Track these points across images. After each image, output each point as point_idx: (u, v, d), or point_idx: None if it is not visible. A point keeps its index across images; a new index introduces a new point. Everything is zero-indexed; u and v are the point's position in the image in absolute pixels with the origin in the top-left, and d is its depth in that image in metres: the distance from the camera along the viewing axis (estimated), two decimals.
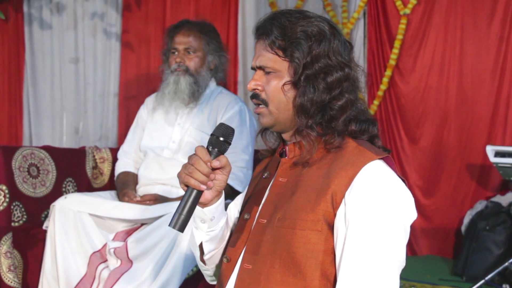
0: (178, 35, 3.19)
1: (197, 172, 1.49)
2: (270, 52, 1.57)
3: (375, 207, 1.44)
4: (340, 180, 1.48)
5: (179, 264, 2.75)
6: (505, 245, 3.64)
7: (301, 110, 1.55)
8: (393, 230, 1.45)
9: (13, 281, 2.87)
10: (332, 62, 1.55)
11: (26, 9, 4.61)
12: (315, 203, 1.49)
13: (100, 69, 4.58)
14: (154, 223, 2.84)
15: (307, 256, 1.48)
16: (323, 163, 1.55)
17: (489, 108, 4.04)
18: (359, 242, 1.43)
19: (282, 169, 1.63)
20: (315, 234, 1.48)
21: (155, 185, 3.12)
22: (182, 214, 1.49)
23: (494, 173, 3.93)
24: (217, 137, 1.54)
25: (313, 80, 1.54)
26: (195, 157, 1.50)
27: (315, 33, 1.55)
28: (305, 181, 1.55)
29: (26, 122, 4.66)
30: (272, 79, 1.58)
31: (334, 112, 1.55)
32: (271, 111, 1.59)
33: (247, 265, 1.57)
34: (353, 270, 1.42)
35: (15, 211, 2.95)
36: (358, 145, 1.54)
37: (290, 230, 1.49)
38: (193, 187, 1.50)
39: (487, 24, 4.03)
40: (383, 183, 1.47)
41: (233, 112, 3.18)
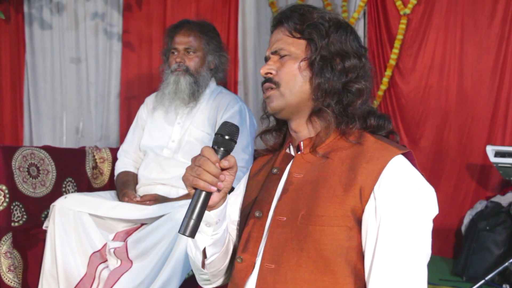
0: (178, 35, 3.19)
1: (206, 174, 1.44)
2: (288, 36, 1.59)
3: (406, 203, 1.44)
4: (367, 174, 1.46)
5: (179, 264, 2.75)
6: (505, 245, 3.64)
7: (318, 88, 1.55)
8: (423, 224, 1.45)
9: (13, 281, 2.87)
10: (348, 49, 1.58)
11: (26, 9, 4.61)
12: (343, 198, 1.46)
13: (101, 69, 4.58)
14: (154, 223, 2.84)
15: (336, 253, 1.45)
16: (344, 157, 1.53)
17: (489, 108, 4.04)
18: (393, 238, 1.42)
19: (297, 164, 1.60)
20: (344, 230, 1.45)
21: (155, 185, 3.12)
22: (192, 218, 1.43)
23: (494, 173, 3.93)
24: (222, 136, 1.49)
25: (330, 61, 1.56)
26: (202, 158, 1.45)
27: (334, 20, 1.59)
28: (327, 176, 1.51)
29: (27, 122, 4.66)
30: (287, 62, 1.58)
31: (351, 96, 1.56)
32: (283, 93, 1.58)
33: (269, 264, 1.52)
34: (387, 266, 1.41)
35: (15, 211, 2.95)
36: (378, 140, 1.54)
37: (318, 227, 1.46)
38: (203, 190, 1.45)
39: (487, 24, 4.03)
40: (411, 178, 1.48)
41: (233, 111, 3.18)
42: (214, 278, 1.72)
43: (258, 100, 4.38)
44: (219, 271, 1.69)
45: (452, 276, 3.79)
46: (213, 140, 1.50)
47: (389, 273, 1.41)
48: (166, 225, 2.81)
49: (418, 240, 1.44)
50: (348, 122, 1.56)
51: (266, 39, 4.45)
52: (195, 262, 1.66)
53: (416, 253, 1.43)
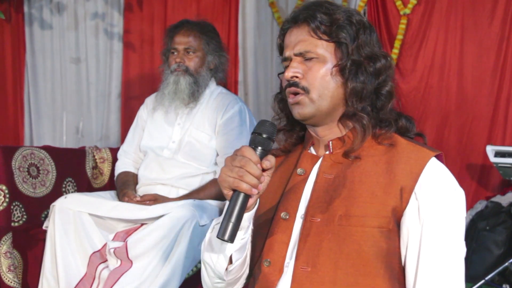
0: (178, 35, 3.19)
1: (249, 175, 1.38)
2: (314, 37, 1.52)
3: (447, 205, 1.44)
4: (407, 175, 1.44)
5: (179, 264, 2.76)
6: (505, 245, 3.64)
7: (354, 93, 1.51)
8: (462, 225, 1.46)
9: (13, 281, 2.88)
10: (376, 50, 1.55)
11: (26, 9, 4.61)
12: (383, 198, 1.44)
13: (102, 70, 4.59)
14: (154, 223, 2.84)
15: (376, 255, 1.42)
16: (378, 158, 1.50)
17: (489, 108, 4.04)
18: (438, 240, 1.42)
19: (326, 165, 1.55)
20: (385, 232, 1.43)
21: (155, 185, 3.12)
22: (231, 221, 1.36)
23: (494, 173, 3.93)
24: (260, 135, 1.43)
25: (362, 64, 1.52)
26: (244, 158, 1.39)
27: (358, 20, 1.55)
28: (362, 177, 1.48)
29: (27, 122, 4.66)
30: (316, 65, 1.52)
31: (382, 97, 1.54)
32: (313, 99, 1.52)
33: (304, 267, 1.46)
34: (434, 268, 1.41)
35: (15, 211, 2.95)
36: (409, 142, 1.52)
37: (360, 228, 1.42)
38: (244, 192, 1.38)
39: (488, 24, 4.02)
40: (449, 179, 1.48)
41: (233, 112, 3.18)
42: (229, 286, 1.64)
43: (259, 100, 4.37)
44: (236, 279, 1.62)
45: None
46: (251, 139, 1.44)
47: (436, 275, 1.41)
48: (166, 225, 2.81)
49: (459, 241, 1.44)
50: (382, 126, 1.54)
51: (266, 39, 4.45)
52: (216, 269, 1.57)
53: (459, 254, 1.44)
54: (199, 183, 3.10)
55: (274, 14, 4.32)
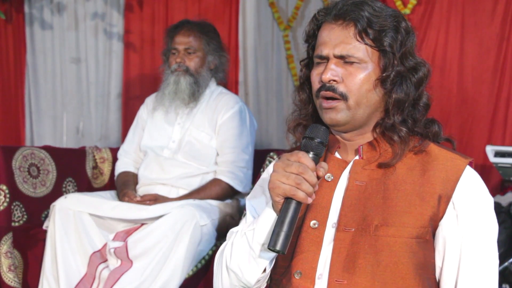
0: (178, 35, 3.20)
1: (306, 183, 1.30)
2: (359, 41, 1.42)
3: (485, 215, 1.43)
4: (444, 183, 1.40)
5: (179, 264, 2.76)
6: (505, 245, 3.63)
7: (396, 105, 1.43)
8: (496, 234, 1.46)
9: (13, 281, 2.88)
10: (417, 58, 1.48)
11: (27, 9, 4.61)
12: (421, 207, 1.38)
13: (101, 69, 4.59)
14: (154, 223, 2.85)
15: (414, 266, 1.38)
16: (412, 166, 1.44)
17: (489, 108, 4.03)
18: (480, 250, 1.40)
19: (357, 171, 1.47)
20: (422, 243, 1.39)
21: (155, 185, 3.13)
22: (282, 230, 1.29)
23: (494, 173, 3.92)
24: (312, 139, 1.36)
25: (405, 74, 1.44)
26: (302, 165, 1.31)
27: (405, 27, 1.46)
28: (397, 185, 1.42)
29: (28, 122, 4.66)
30: (357, 71, 1.43)
31: (420, 109, 1.47)
32: (350, 106, 1.43)
33: (340, 280, 1.39)
34: (475, 280, 1.40)
35: (15, 211, 2.96)
36: (441, 148, 1.47)
37: (398, 239, 1.37)
38: (300, 200, 1.31)
39: (488, 24, 4.02)
40: (484, 188, 1.46)
41: (233, 112, 3.19)
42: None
43: (259, 100, 4.37)
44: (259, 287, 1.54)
45: None
46: (303, 143, 1.37)
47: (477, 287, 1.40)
48: (166, 225, 2.81)
49: (496, 251, 1.44)
50: (417, 136, 1.47)
51: (267, 39, 4.45)
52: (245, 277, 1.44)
53: (496, 264, 1.43)
54: (199, 183, 3.10)
55: (274, 14, 4.32)
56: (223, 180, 3.09)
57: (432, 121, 1.50)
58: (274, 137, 4.35)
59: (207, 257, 2.90)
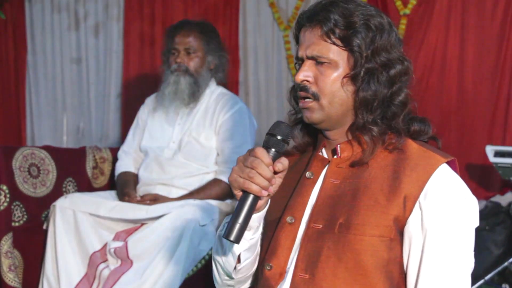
0: (178, 35, 3.20)
1: (260, 177, 1.34)
2: (327, 41, 1.44)
3: (453, 215, 1.38)
4: (412, 183, 1.38)
5: (179, 264, 2.76)
6: (504, 245, 3.64)
7: (364, 104, 1.43)
8: (469, 237, 1.40)
9: (13, 280, 2.88)
10: (392, 55, 1.45)
11: (27, 9, 4.62)
12: (386, 206, 1.38)
13: (102, 70, 4.59)
14: (154, 223, 2.85)
15: (376, 265, 1.38)
16: (385, 164, 1.44)
17: (489, 108, 4.03)
18: (440, 251, 1.37)
19: (333, 169, 1.49)
20: (386, 241, 1.38)
21: (155, 185, 3.13)
22: (238, 222, 1.34)
23: (494, 173, 3.93)
24: (274, 136, 1.39)
25: (375, 72, 1.43)
26: (256, 160, 1.35)
27: (377, 24, 1.45)
28: (367, 184, 1.43)
29: (29, 122, 4.67)
30: (327, 70, 1.45)
31: (395, 108, 1.45)
32: (323, 106, 1.46)
33: (303, 274, 1.42)
34: (435, 281, 1.36)
35: (15, 211, 2.96)
36: (420, 146, 1.45)
37: (359, 237, 1.38)
38: (253, 193, 1.35)
39: (488, 24, 4.02)
40: (457, 188, 1.41)
41: (233, 112, 3.19)
42: (238, 284, 1.60)
43: (259, 100, 4.37)
44: (246, 277, 1.58)
45: None
46: (264, 140, 1.40)
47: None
48: (166, 225, 2.82)
49: (465, 253, 1.39)
50: (390, 133, 1.45)
51: (267, 40, 4.45)
52: (225, 267, 1.53)
53: (463, 267, 1.39)
54: (199, 183, 3.11)
55: (274, 14, 4.32)
56: (223, 180, 3.09)
57: (414, 119, 1.48)
58: None
59: (207, 257, 2.91)
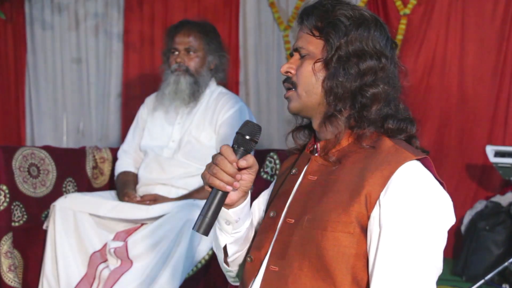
0: (179, 35, 3.20)
1: (222, 173, 1.42)
2: (307, 33, 1.52)
3: (411, 211, 1.36)
4: (375, 180, 1.39)
5: (179, 264, 2.76)
6: (504, 245, 3.64)
7: (329, 92, 1.47)
8: (430, 234, 1.37)
9: (13, 281, 2.88)
10: (368, 48, 1.47)
11: (27, 9, 4.62)
12: (348, 203, 1.40)
13: (102, 70, 4.59)
14: (154, 223, 2.85)
15: (337, 259, 1.39)
16: (357, 161, 1.45)
17: (489, 108, 4.04)
18: (394, 247, 1.35)
19: (312, 167, 1.54)
20: (347, 237, 1.39)
21: (155, 185, 3.13)
22: (207, 217, 1.41)
23: (494, 173, 3.93)
24: (243, 136, 1.46)
25: (345, 62, 1.47)
26: (220, 156, 1.43)
27: (356, 17, 1.49)
28: (337, 180, 1.45)
29: (28, 122, 4.67)
30: (306, 61, 1.51)
31: (366, 99, 1.46)
32: (299, 94, 1.52)
33: (273, 267, 1.48)
34: (387, 276, 1.35)
35: (15, 211, 2.96)
36: (394, 144, 1.45)
37: (320, 232, 1.41)
38: (218, 188, 1.43)
39: (488, 24, 4.02)
40: (420, 185, 1.39)
41: (233, 111, 3.19)
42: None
43: (260, 100, 4.38)
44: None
45: (452, 275, 3.79)
46: (234, 139, 1.47)
47: (388, 285, 1.35)
48: (166, 225, 2.82)
49: (423, 251, 1.36)
50: (361, 127, 1.47)
51: (267, 40, 4.46)
52: (219, 259, 1.66)
53: (420, 265, 1.35)
54: (199, 183, 3.10)
55: (274, 14, 4.32)
56: None
57: (389, 116, 1.49)
58: (275, 137, 4.36)
59: (207, 257, 2.91)
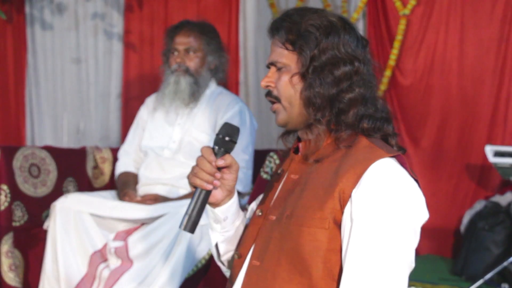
0: (179, 35, 3.20)
1: (202, 172, 1.51)
2: (280, 47, 1.56)
3: (381, 206, 1.39)
4: (349, 177, 1.43)
5: (179, 264, 2.77)
6: (504, 245, 3.64)
7: (308, 103, 1.52)
8: (400, 230, 1.40)
9: (14, 280, 2.89)
10: (341, 55, 1.51)
11: (28, 9, 4.62)
12: (322, 200, 1.45)
13: (101, 70, 4.59)
14: (155, 223, 2.86)
15: (313, 254, 1.44)
16: (334, 160, 1.51)
17: (489, 108, 4.04)
18: (363, 242, 1.39)
19: (294, 166, 1.61)
20: (322, 232, 1.44)
21: (155, 185, 3.13)
22: (192, 215, 1.51)
23: (494, 173, 3.93)
24: (222, 137, 1.54)
25: (320, 72, 1.51)
26: (200, 157, 1.52)
27: (324, 25, 1.52)
28: (314, 178, 1.51)
29: (29, 123, 4.67)
30: (283, 74, 1.56)
31: (343, 105, 1.51)
32: (284, 107, 1.57)
33: (255, 261, 1.54)
34: (356, 270, 1.39)
35: (16, 211, 2.96)
36: (370, 143, 1.50)
37: (297, 227, 1.47)
38: (200, 187, 1.51)
39: (487, 25, 4.02)
40: (392, 181, 1.42)
41: (233, 112, 3.19)
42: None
43: (260, 100, 4.38)
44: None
45: (451, 275, 3.79)
46: (214, 140, 1.55)
47: (356, 279, 1.38)
48: (167, 225, 2.82)
49: (394, 246, 1.38)
50: (339, 130, 1.52)
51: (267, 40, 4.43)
52: (215, 258, 1.72)
53: (390, 260, 1.38)
54: None
55: (274, 15, 4.32)
56: None
57: (364, 117, 1.52)
58: (275, 137, 4.31)
59: (207, 257, 2.91)
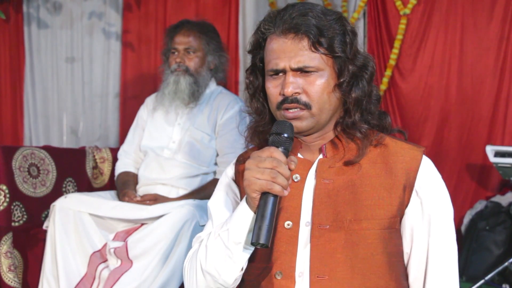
0: (178, 35, 3.20)
1: (281, 177, 1.35)
2: (313, 51, 1.47)
3: (446, 200, 1.52)
4: (406, 174, 1.49)
5: (179, 264, 2.76)
6: (505, 245, 3.64)
7: (356, 104, 1.51)
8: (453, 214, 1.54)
9: (13, 281, 2.88)
10: (364, 55, 1.54)
11: (25, 9, 4.61)
12: (389, 199, 1.46)
13: (100, 69, 4.59)
14: (154, 223, 2.85)
15: (388, 255, 1.45)
16: (373, 159, 1.51)
17: (489, 108, 4.04)
18: (446, 235, 1.49)
19: (323, 170, 1.52)
20: (393, 233, 1.47)
21: (155, 185, 3.13)
22: (266, 224, 1.33)
23: (494, 173, 3.93)
24: (280, 135, 1.42)
25: (359, 74, 1.52)
26: (275, 160, 1.36)
27: (350, 29, 1.53)
28: (363, 180, 1.48)
29: (27, 122, 4.66)
30: (316, 79, 1.49)
31: (372, 105, 1.55)
32: (314, 113, 1.50)
33: (321, 276, 1.44)
34: (444, 264, 1.48)
35: (15, 211, 2.95)
36: (396, 140, 1.57)
37: (372, 231, 1.44)
38: (277, 194, 1.36)
39: (487, 24, 4.02)
40: (438, 173, 1.55)
41: (233, 112, 3.19)
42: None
43: None
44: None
45: None
46: (271, 140, 1.42)
47: (447, 271, 1.48)
48: (166, 225, 2.82)
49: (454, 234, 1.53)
50: (374, 129, 1.56)
51: None
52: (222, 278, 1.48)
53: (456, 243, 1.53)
54: (199, 183, 3.10)
55: None
56: None
57: (384, 113, 1.58)
58: None
59: None
